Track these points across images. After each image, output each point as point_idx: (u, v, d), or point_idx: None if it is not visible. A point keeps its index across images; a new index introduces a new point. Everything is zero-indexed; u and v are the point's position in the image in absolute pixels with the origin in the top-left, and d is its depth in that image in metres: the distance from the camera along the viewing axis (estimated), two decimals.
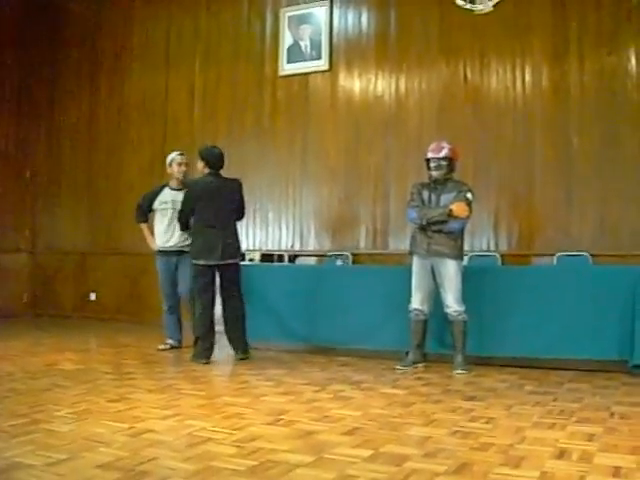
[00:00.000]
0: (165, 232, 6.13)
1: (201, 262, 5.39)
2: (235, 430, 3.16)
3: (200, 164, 5.58)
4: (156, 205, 6.20)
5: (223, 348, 5.73)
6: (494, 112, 6.98)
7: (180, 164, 6.20)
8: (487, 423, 3.35)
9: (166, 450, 2.82)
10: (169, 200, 6.13)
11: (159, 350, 6.08)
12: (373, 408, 3.72)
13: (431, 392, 4.23)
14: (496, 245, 6.90)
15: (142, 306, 8.35)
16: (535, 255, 6.64)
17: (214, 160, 5.54)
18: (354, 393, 4.17)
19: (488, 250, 6.89)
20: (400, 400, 3.97)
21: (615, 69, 6.47)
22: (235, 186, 5.59)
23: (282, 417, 3.46)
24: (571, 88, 6.63)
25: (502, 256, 6.77)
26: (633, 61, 6.37)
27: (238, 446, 2.88)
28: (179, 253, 6.11)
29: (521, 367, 5.15)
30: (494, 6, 6.93)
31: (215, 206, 5.42)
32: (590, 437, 3.05)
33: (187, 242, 5.88)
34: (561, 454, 2.77)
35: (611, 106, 6.44)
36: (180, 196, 5.80)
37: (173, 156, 6.26)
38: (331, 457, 2.74)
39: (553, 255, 6.44)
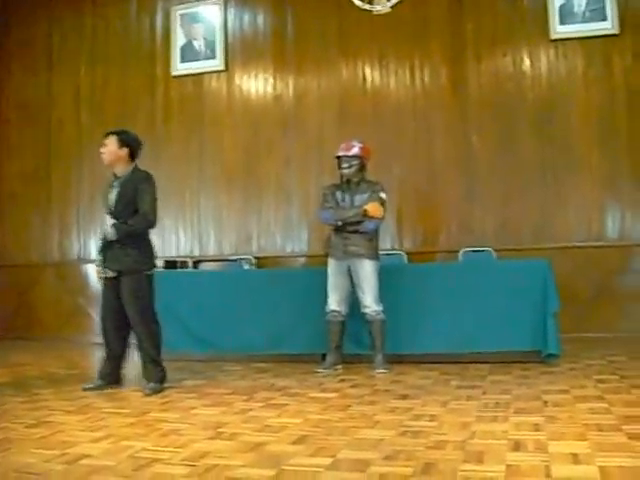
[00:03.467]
0: None
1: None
2: (178, 448, 2.96)
3: (122, 151, 4.56)
4: None
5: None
6: (394, 113, 7.07)
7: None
8: (431, 421, 3.33)
9: (113, 477, 2.58)
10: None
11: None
12: (311, 414, 3.61)
13: (362, 393, 4.19)
14: (400, 244, 6.97)
15: (32, 321, 7.80)
16: (440, 252, 6.76)
17: (139, 149, 4.67)
18: (284, 400, 4.05)
19: (393, 249, 6.94)
20: (335, 404, 3.90)
21: (510, 70, 6.72)
22: None
23: (222, 430, 3.29)
24: (469, 88, 6.84)
25: (407, 254, 6.84)
26: (527, 62, 6.64)
27: (189, 465, 2.69)
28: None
29: (438, 363, 5.21)
30: (392, 7, 7.03)
31: None
32: (536, 427, 3.08)
33: None
34: (517, 446, 2.78)
35: (508, 106, 6.69)
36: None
37: None
38: (292, 468, 2.61)
39: (457, 252, 6.58)
